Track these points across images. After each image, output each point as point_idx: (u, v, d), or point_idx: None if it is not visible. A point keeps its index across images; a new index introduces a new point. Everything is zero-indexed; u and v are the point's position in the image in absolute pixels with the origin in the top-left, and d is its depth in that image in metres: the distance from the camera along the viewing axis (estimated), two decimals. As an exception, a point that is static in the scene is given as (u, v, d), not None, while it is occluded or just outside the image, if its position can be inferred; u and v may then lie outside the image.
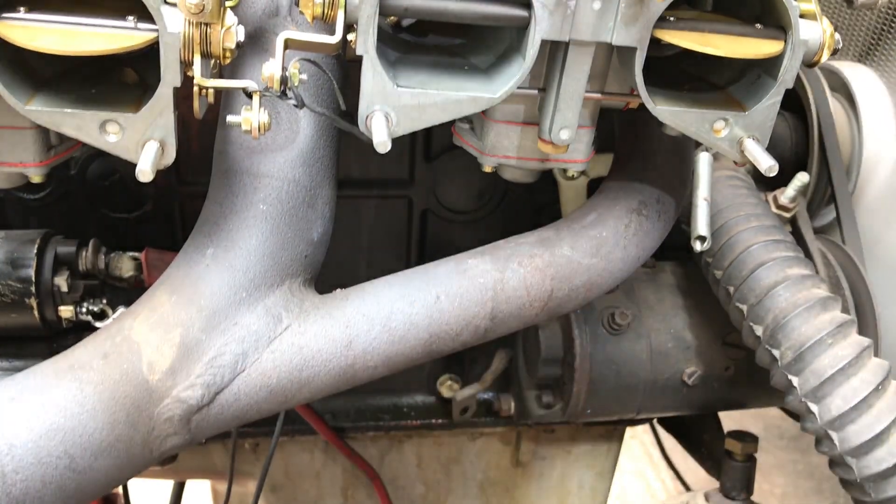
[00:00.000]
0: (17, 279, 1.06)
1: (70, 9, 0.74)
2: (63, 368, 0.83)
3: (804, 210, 1.29)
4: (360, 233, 1.44)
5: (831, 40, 0.86)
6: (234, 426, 0.92)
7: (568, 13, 0.80)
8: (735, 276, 1.09)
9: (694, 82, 0.95)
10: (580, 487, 1.70)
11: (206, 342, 0.87)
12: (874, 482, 0.96)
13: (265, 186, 0.92)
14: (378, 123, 0.81)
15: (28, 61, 0.79)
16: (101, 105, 0.77)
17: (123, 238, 1.30)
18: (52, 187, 1.28)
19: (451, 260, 1.00)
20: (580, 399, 1.27)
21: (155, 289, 0.90)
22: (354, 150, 1.31)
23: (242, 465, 1.53)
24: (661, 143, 1.09)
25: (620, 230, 1.04)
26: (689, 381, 1.26)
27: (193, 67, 0.76)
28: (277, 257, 0.92)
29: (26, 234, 1.10)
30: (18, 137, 0.82)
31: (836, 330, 1.00)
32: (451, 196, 1.43)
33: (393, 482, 1.61)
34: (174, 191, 1.32)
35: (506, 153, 0.94)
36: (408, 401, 1.57)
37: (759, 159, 0.86)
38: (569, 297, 1.01)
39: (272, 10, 0.94)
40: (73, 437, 0.79)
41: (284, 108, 0.95)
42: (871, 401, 0.96)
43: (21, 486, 0.77)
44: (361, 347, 0.93)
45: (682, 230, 1.15)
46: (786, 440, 3.52)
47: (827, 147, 1.33)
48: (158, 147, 0.76)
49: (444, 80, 0.87)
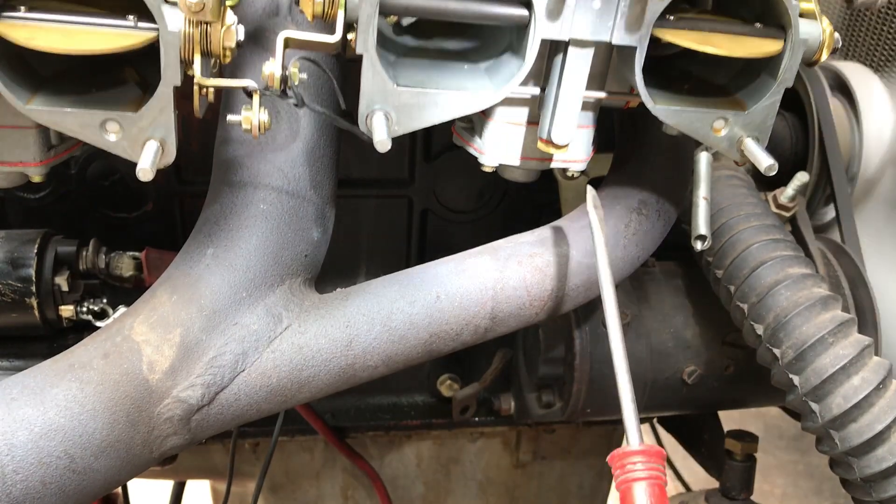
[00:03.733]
0: (17, 279, 1.05)
1: (70, 8, 0.74)
2: (63, 368, 0.83)
3: (804, 209, 1.29)
4: (360, 232, 1.44)
5: (831, 39, 0.87)
6: (234, 426, 0.92)
7: (567, 13, 0.80)
8: (735, 275, 1.09)
9: (694, 82, 0.95)
10: (580, 487, 1.71)
11: (206, 342, 0.87)
12: (875, 481, 0.96)
13: (265, 186, 0.92)
14: (378, 122, 0.81)
15: (28, 60, 0.79)
16: (102, 104, 0.77)
17: (124, 238, 1.30)
18: (53, 187, 1.28)
19: (451, 259, 1.00)
20: (580, 398, 1.27)
21: (155, 288, 0.90)
22: (354, 150, 1.31)
23: (242, 465, 1.53)
24: (660, 142, 1.09)
25: (620, 229, 1.04)
26: (690, 380, 1.26)
27: (194, 66, 0.76)
28: (278, 257, 0.91)
29: (27, 234, 1.10)
30: (19, 137, 0.82)
31: (836, 329, 1.00)
32: (450, 196, 1.43)
33: (393, 482, 1.61)
34: (174, 190, 1.33)
35: (506, 153, 0.94)
36: (408, 400, 1.57)
37: (758, 159, 0.86)
38: (569, 296, 1.01)
39: (272, 10, 0.94)
40: (73, 437, 0.79)
41: (284, 108, 0.95)
42: (872, 400, 0.96)
43: (21, 487, 0.77)
44: (362, 347, 0.93)
45: (682, 229, 1.15)
46: (786, 440, 3.52)
47: (827, 146, 1.33)
48: (159, 146, 0.76)
49: (443, 79, 0.87)
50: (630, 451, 0.70)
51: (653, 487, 0.68)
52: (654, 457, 0.70)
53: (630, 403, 0.74)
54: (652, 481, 0.68)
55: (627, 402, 0.74)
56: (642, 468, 0.69)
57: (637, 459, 0.69)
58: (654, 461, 0.69)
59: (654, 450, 0.70)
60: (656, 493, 0.68)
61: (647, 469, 0.69)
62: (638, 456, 0.69)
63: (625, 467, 0.69)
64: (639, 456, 0.69)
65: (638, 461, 0.69)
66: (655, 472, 0.69)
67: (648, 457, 0.69)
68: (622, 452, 0.70)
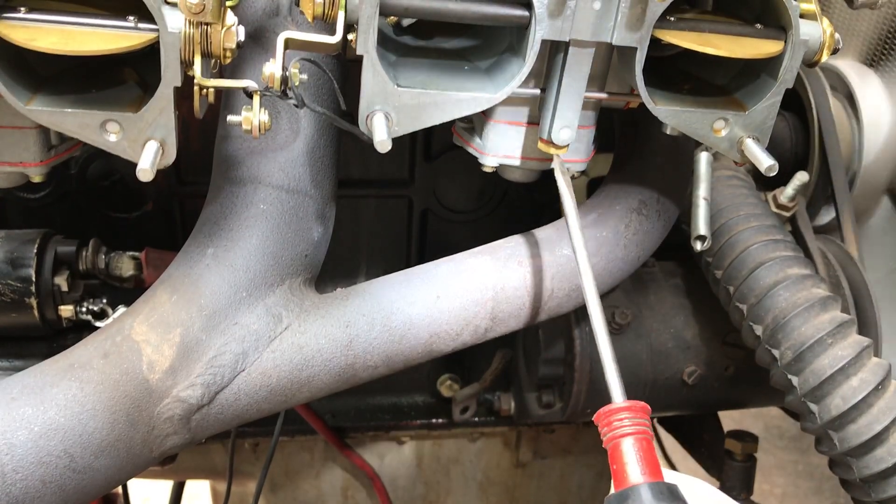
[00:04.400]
0: (17, 279, 1.06)
1: (71, 9, 0.74)
2: (63, 368, 0.83)
3: (804, 209, 1.29)
4: (361, 232, 1.44)
5: (831, 40, 0.87)
6: (234, 426, 0.92)
7: (568, 13, 0.80)
8: (735, 275, 1.09)
9: (694, 82, 0.95)
10: (580, 488, 1.71)
11: (206, 342, 0.87)
12: (874, 482, 0.96)
13: (266, 186, 0.92)
14: (378, 123, 0.81)
15: (29, 61, 0.79)
16: (102, 105, 0.77)
17: (123, 238, 1.30)
18: (53, 187, 1.28)
19: (451, 259, 1.00)
20: (580, 399, 1.27)
21: (155, 288, 0.90)
22: (355, 150, 1.32)
23: (242, 465, 1.53)
24: (661, 143, 1.09)
25: (621, 230, 1.04)
26: (690, 380, 1.26)
27: (194, 67, 0.76)
28: (278, 257, 0.92)
29: (26, 234, 1.10)
30: (19, 137, 0.82)
31: (835, 330, 1.00)
32: (451, 196, 1.43)
33: (393, 482, 1.61)
34: (174, 190, 1.33)
35: (506, 153, 0.94)
36: (408, 401, 1.57)
37: (758, 159, 0.86)
38: (569, 296, 1.01)
39: (272, 10, 0.94)
40: (73, 437, 0.79)
41: (285, 108, 0.95)
42: (870, 400, 0.96)
43: (21, 486, 0.77)
44: (362, 347, 0.93)
45: (682, 230, 1.15)
46: (786, 440, 3.52)
47: (827, 146, 1.33)
48: (159, 147, 0.76)
49: (444, 80, 0.87)
50: (615, 408, 0.70)
51: (640, 442, 0.68)
52: (639, 412, 0.70)
53: (611, 360, 0.74)
54: (639, 436, 0.69)
55: (608, 359, 0.74)
56: (629, 423, 0.69)
57: (623, 416, 0.70)
58: (639, 416, 0.70)
59: (639, 405, 0.70)
60: (644, 446, 0.68)
61: (634, 424, 0.69)
62: (623, 412, 0.70)
63: (611, 424, 0.70)
64: (624, 412, 0.70)
65: (624, 417, 0.69)
66: (642, 427, 0.69)
67: (634, 412, 0.70)
68: (608, 410, 0.70)
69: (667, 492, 0.66)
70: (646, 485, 0.66)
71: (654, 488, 0.66)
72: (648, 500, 0.65)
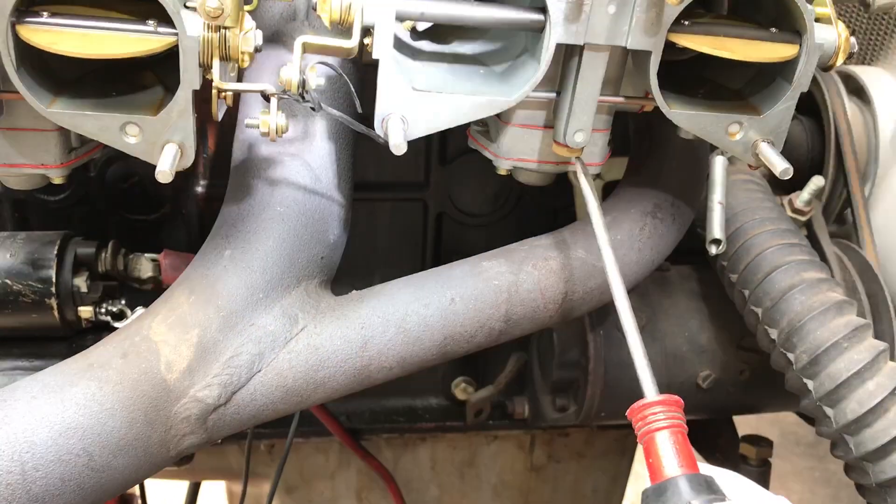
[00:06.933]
0: (37, 280, 1.07)
1: (92, 13, 0.75)
2: (83, 367, 0.84)
3: (820, 214, 1.28)
4: (376, 235, 1.44)
5: (847, 44, 0.86)
6: (250, 426, 0.93)
7: (583, 17, 0.80)
8: (750, 279, 1.09)
9: (709, 86, 0.95)
10: (594, 492, 1.70)
11: (223, 342, 0.87)
12: (890, 487, 0.95)
13: (282, 189, 0.93)
14: (394, 126, 0.82)
15: (50, 64, 0.80)
16: (122, 107, 0.78)
17: (142, 239, 1.31)
18: (72, 189, 1.29)
19: (465, 262, 1.00)
20: (594, 402, 1.27)
21: (173, 289, 0.91)
22: (370, 153, 1.32)
23: (257, 467, 1.54)
24: (675, 146, 1.09)
25: (635, 233, 1.04)
26: (704, 384, 1.26)
27: (212, 71, 0.77)
28: (294, 259, 0.92)
29: (47, 236, 1.11)
30: (40, 139, 0.83)
31: (851, 333, 0.99)
32: (466, 199, 1.43)
33: (407, 484, 1.61)
34: (192, 193, 1.34)
35: (521, 156, 0.94)
36: (422, 403, 1.57)
37: (773, 163, 0.86)
38: (583, 299, 1.01)
39: (290, 15, 0.95)
40: (91, 436, 0.80)
41: (301, 111, 0.95)
42: (887, 405, 0.95)
43: (41, 483, 0.78)
44: (376, 348, 0.93)
45: (697, 233, 1.15)
46: (803, 447, 3.50)
47: (843, 150, 1.32)
48: (177, 149, 0.77)
49: (459, 83, 0.87)
50: (649, 403, 0.70)
51: (675, 435, 0.68)
52: (673, 405, 0.70)
53: (642, 356, 0.74)
54: (674, 429, 0.68)
55: (639, 355, 0.74)
56: (663, 417, 0.69)
57: (657, 409, 0.69)
58: (673, 409, 0.69)
59: (673, 398, 0.70)
60: (679, 440, 0.67)
61: (668, 418, 0.69)
62: (657, 406, 0.69)
63: (646, 418, 0.69)
64: (658, 406, 0.69)
65: (658, 411, 0.69)
66: (676, 421, 0.69)
67: (668, 406, 0.69)
68: (641, 404, 0.70)
69: (704, 483, 0.65)
70: (683, 477, 0.66)
71: (693, 480, 0.66)
72: (686, 492, 0.65)
